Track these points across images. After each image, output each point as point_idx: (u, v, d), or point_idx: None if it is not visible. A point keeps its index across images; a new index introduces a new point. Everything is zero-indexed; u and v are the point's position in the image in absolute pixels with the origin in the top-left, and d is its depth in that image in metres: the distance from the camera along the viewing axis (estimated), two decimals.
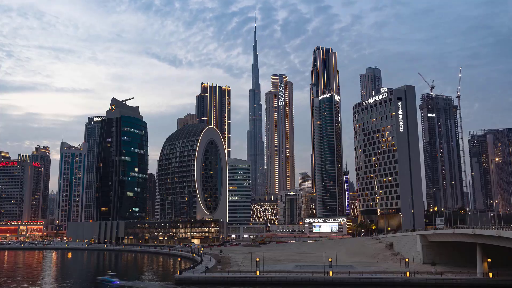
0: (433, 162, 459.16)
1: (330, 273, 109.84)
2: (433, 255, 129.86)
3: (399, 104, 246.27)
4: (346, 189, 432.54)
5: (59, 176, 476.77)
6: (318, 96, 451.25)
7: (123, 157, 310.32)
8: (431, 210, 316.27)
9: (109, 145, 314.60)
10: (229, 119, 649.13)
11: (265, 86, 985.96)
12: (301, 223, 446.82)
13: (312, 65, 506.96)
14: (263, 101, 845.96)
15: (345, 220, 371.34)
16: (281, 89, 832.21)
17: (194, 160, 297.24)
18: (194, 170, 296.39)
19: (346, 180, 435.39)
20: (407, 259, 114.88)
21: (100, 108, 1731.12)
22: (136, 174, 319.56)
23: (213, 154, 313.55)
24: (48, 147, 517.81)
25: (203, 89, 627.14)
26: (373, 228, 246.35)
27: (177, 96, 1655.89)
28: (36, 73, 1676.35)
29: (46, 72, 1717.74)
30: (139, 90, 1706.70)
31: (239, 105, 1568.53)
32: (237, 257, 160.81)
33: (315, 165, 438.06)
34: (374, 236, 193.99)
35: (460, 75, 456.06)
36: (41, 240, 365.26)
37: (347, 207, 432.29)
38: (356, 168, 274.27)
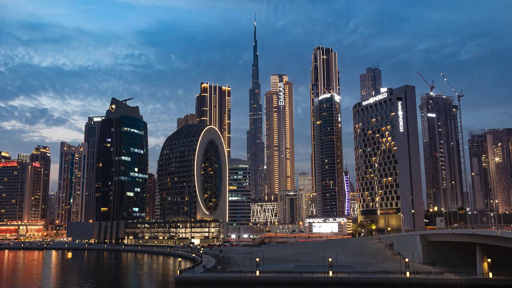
0: (433, 162, 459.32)
1: (330, 273, 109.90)
2: (433, 255, 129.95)
3: (399, 104, 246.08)
4: (346, 189, 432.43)
5: (59, 176, 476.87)
6: (318, 96, 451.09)
7: (123, 157, 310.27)
8: (431, 210, 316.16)
9: (109, 145, 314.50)
10: (229, 119, 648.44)
11: (265, 86, 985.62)
12: (301, 223, 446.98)
13: (312, 65, 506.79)
14: (263, 101, 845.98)
15: (345, 220, 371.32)
16: (281, 89, 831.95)
17: (194, 160, 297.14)
18: (194, 170, 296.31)
19: (346, 180, 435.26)
20: (407, 259, 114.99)
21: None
22: (136, 174, 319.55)
23: (213, 154, 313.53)
24: (48, 147, 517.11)
25: (203, 89, 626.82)
26: (373, 228, 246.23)
27: (177, 96, 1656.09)
28: None
29: None
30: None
31: (239, 105, 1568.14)
32: (237, 257, 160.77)
33: (315, 165, 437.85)
34: (374, 236, 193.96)
35: (445, 79, 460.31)
36: (41, 240, 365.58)
37: (347, 207, 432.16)
38: (356, 168, 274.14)
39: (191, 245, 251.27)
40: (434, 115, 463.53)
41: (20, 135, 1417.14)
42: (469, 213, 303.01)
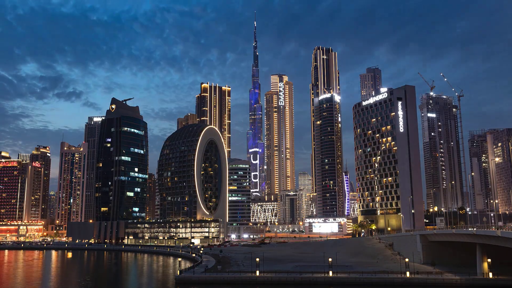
0: (433, 162, 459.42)
1: (330, 273, 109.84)
2: (433, 255, 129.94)
3: (399, 104, 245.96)
4: (346, 189, 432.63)
5: (59, 176, 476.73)
6: (318, 96, 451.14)
7: (123, 157, 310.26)
8: (431, 210, 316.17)
9: (109, 145, 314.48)
10: (229, 119, 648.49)
11: (265, 86, 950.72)
12: (301, 223, 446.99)
13: (312, 65, 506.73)
14: (263, 101, 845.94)
15: (345, 220, 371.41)
16: (281, 89, 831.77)
17: (194, 160, 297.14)
18: (194, 170, 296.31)
19: (346, 180, 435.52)
20: (407, 259, 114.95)
21: None
22: (136, 174, 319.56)
23: (213, 154, 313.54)
24: (48, 147, 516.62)
25: (203, 89, 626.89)
26: (373, 228, 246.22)
27: (177, 96, 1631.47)
28: None
29: None
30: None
31: (239, 105, 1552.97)
32: (237, 257, 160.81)
33: (315, 165, 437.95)
34: (374, 236, 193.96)
35: (445, 79, 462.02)
36: (41, 240, 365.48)
37: (347, 207, 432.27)
38: (356, 168, 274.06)
39: (191, 245, 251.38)
40: (434, 115, 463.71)
41: (22, 120, 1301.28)
42: (469, 213, 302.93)
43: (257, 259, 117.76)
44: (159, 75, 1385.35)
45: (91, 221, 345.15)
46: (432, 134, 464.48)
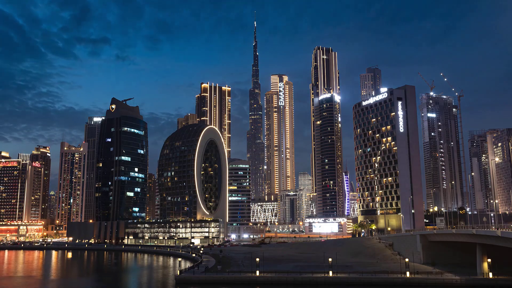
0: (433, 162, 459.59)
1: (330, 273, 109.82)
2: (433, 255, 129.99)
3: (399, 104, 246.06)
4: (346, 189, 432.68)
5: (59, 176, 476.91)
6: (318, 96, 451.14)
7: (123, 157, 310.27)
8: (431, 210, 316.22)
9: (109, 145, 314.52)
10: (229, 119, 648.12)
11: (265, 86, 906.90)
12: (301, 223, 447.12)
13: (312, 65, 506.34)
14: (263, 101, 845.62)
15: (345, 220, 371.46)
16: (281, 89, 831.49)
17: (194, 160, 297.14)
18: (194, 170, 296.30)
19: (346, 180, 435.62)
20: (407, 259, 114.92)
21: None
22: (136, 174, 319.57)
23: (213, 154, 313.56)
24: (48, 147, 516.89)
25: (203, 89, 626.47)
26: (373, 228, 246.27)
27: (177, 96, 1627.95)
28: None
29: None
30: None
31: (239, 105, 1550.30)
32: (237, 257, 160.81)
33: (315, 165, 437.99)
34: (374, 236, 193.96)
35: (445, 79, 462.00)
36: (41, 240, 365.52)
37: (347, 207, 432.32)
38: (356, 168, 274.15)
39: (191, 245, 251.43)
40: (434, 115, 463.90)
41: (26, 94, 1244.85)
42: (469, 213, 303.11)
43: (257, 259, 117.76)
44: (228, 16, 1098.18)
45: (91, 221, 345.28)
46: (432, 134, 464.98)
